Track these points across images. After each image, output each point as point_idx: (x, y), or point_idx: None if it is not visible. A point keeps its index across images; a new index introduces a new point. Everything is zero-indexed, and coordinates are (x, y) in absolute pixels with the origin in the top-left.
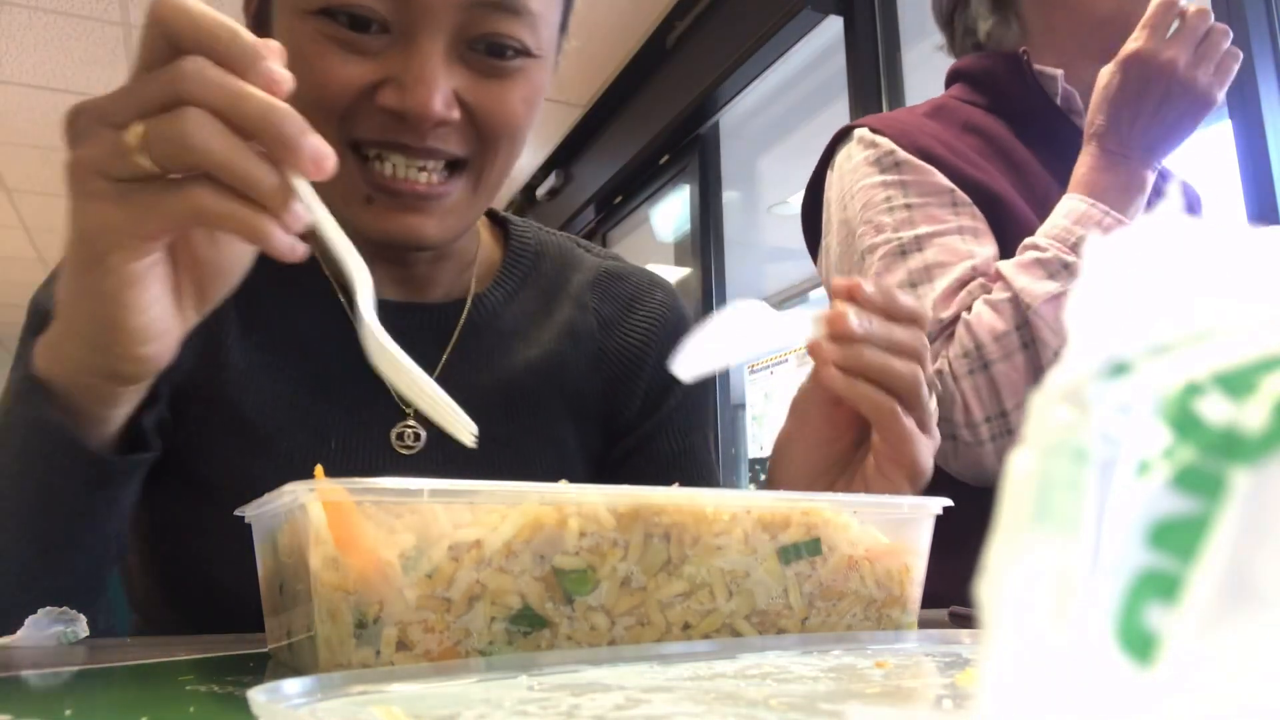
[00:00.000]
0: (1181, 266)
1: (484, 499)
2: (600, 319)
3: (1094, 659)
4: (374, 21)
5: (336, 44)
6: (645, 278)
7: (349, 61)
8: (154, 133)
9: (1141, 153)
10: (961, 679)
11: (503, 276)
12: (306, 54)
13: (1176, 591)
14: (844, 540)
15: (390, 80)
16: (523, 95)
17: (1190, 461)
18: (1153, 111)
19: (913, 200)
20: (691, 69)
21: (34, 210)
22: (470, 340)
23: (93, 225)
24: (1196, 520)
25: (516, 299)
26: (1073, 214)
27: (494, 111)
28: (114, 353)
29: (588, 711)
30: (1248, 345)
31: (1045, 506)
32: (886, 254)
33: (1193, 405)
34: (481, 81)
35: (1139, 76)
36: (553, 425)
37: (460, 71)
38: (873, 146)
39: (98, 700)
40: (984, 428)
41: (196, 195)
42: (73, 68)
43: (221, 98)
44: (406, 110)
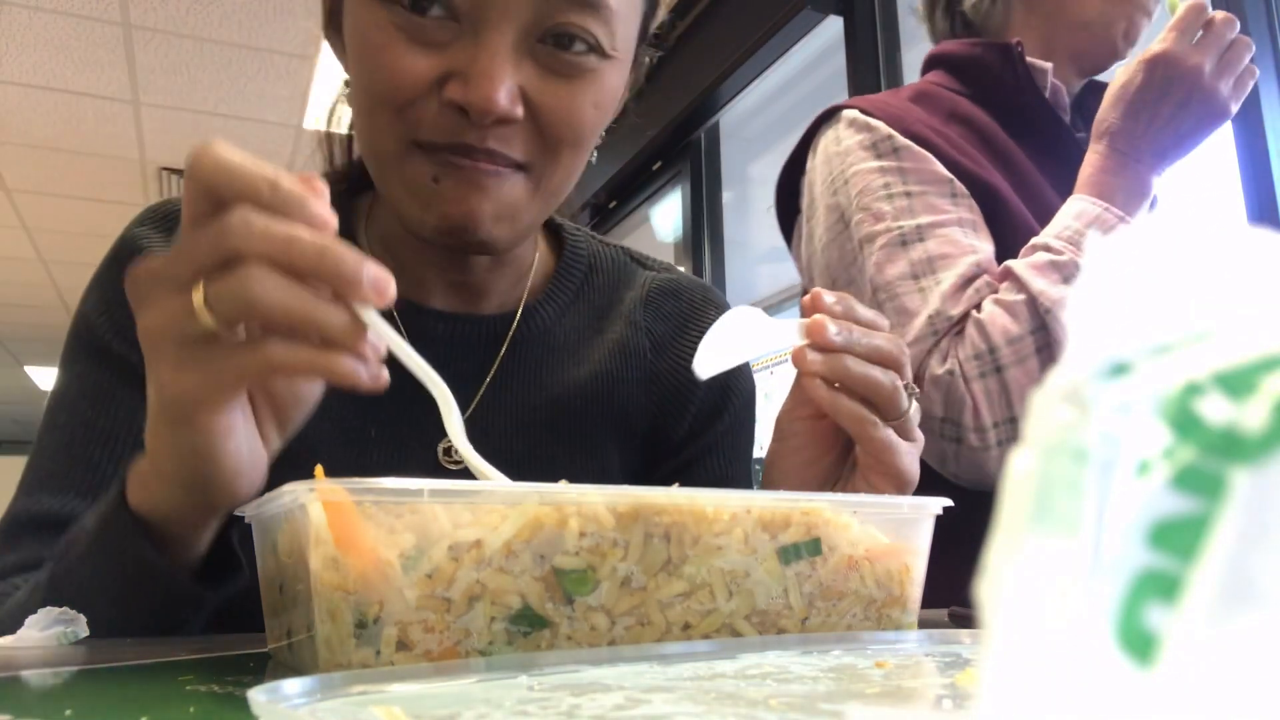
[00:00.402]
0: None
1: (484, 499)
2: (653, 340)
3: (1094, 659)
4: (442, 8)
5: (403, 34)
6: (699, 294)
7: (414, 53)
8: (215, 293)
9: (1151, 157)
10: (961, 679)
11: (555, 290)
12: (372, 45)
13: (1176, 591)
14: (844, 540)
15: (455, 74)
16: (593, 98)
17: (1190, 461)
18: (1169, 116)
19: (912, 188)
20: (691, 69)
21: (34, 210)
22: (519, 354)
23: (172, 391)
24: (1196, 520)
25: (568, 314)
26: (1084, 216)
27: (560, 112)
28: (209, 492)
29: (588, 711)
30: (1248, 345)
31: (1045, 506)
32: (887, 243)
33: (1193, 405)
34: (550, 79)
35: (1163, 78)
36: (598, 446)
37: (529, 68)
38: (867, 130)
39: (98, 700)
40: (992, 432)
41: (268, 351)
42: (73, 68)
43: (273, 246)
44: (470, 104)
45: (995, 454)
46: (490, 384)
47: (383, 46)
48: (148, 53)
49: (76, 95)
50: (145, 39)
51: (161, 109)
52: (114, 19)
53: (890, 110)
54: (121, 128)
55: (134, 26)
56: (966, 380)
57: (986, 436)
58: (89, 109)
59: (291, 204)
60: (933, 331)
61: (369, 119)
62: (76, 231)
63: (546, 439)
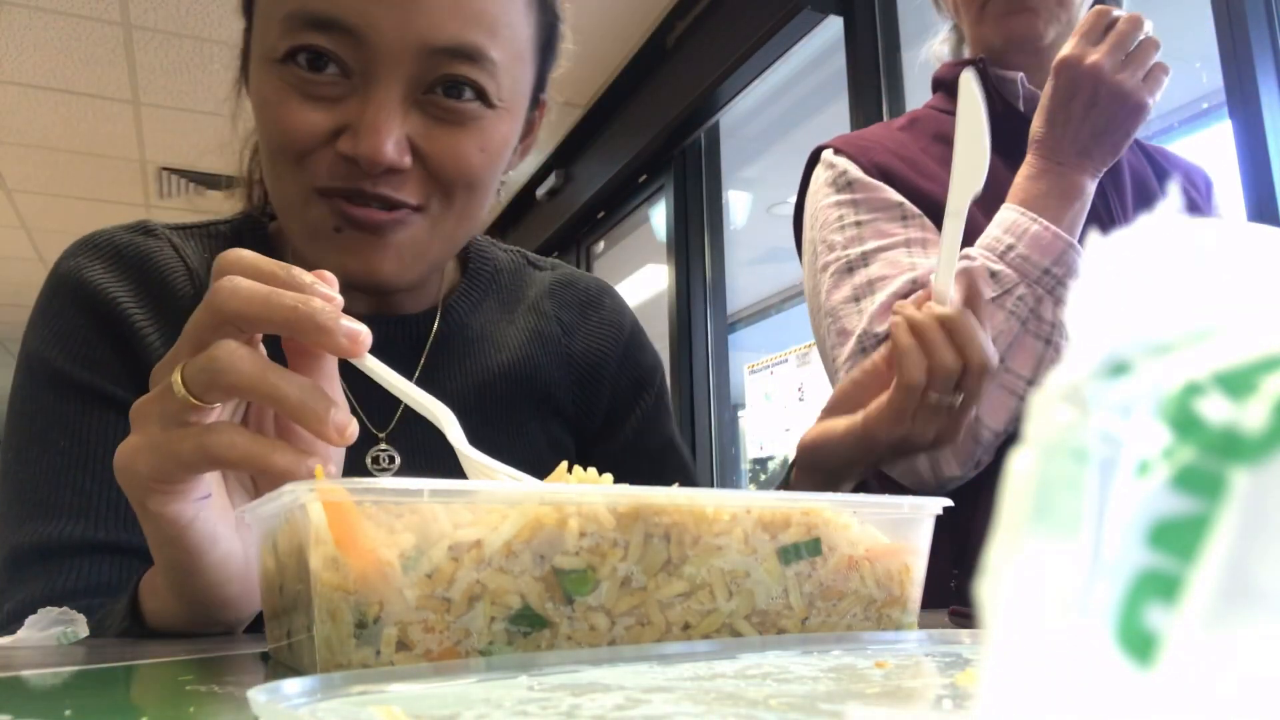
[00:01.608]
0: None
1: (484, 499)
2: (562, 325)
3: (1094, 659)
4: (331, 62)
5: (298, 92)
6: (593, 284)
7: (309, 110)
8: (189, 369)
9: (1074, 158)
10: (961, 679)
11: (467, 288)
12: (271, 101)
13: (1176, 591)
14: (844, 540)
15: (347, 127)
16: (479, 144)
17: (1190, 461)
18: (1082, 117)
19: (862, 217)
20: (691, 69)
21: (34, 210)
22: (444, 347)
23: (122, 474)
24: (1196, 520)
25: (481, 308)
26: (1004, 223)
27: (447, 157)
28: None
29: (588, 711)
30: (1248, 345)
31: (1045, 506)
32: (836, 270)
33: (1193, 405)
34: (437, 127)
35: (1068, 80)
36: (523, 424)
37: (416, 118)
38: (831, 168)
39: (98, 700)
40: None
41: (208, 441)
42: (73, 68)
43: (251, 306)
44: (359, 156)
45: (922, 457)
46: (420, 377)
47: (281, 103)
48: (148, 53)
49: (76, 95)
50: (145, 39)
51: (161, 109)
52: (114, 19)
53: (859, 145)
54: (121, 128)
55: (134, 26)
56: None
57: None
58: (89, 109)
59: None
60: (861, 349)
61: (272, 168)
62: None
63: (476, 422)
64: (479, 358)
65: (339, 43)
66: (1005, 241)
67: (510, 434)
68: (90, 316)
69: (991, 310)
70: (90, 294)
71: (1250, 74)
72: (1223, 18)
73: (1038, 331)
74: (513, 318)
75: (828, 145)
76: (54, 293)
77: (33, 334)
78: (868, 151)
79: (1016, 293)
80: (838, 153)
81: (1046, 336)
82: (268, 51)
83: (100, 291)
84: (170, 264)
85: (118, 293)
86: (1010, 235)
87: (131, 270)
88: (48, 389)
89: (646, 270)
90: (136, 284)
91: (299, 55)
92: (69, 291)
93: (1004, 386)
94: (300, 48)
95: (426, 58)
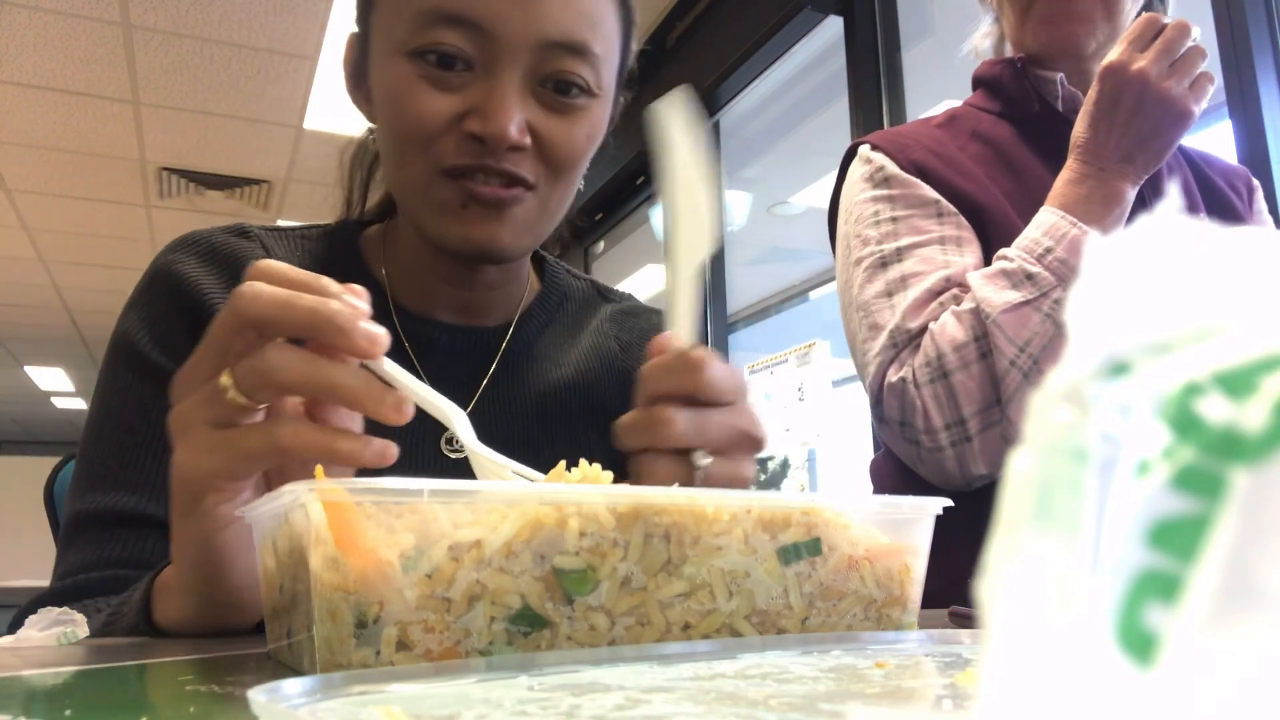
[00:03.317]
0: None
1: (484, 499)
2: (621, 344)
3: (1094, 659)
4: (459, 60)
5: (427, 82)
6: (657, 315)
7: (438, 97)
8: (239, 370)
9: (1117, 164)
10: (961, 679)
11: (538, 309)
12: (401, 92)
13: (1176, 591)
14: (844, 540)
15: (474, 110)
16: (585, 131)
17: (1190, 461)
18: (1126, 123)
19: (898, 213)
20: (691, 69)
21: (34, 210)
22: (511, 361)
23: (187, 472)
24: (1196, 520)
25: (548, 329)
26: (1043, 225)
27: (560, 143)
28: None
29: (588, 711)
30: (1248, 345)
31: (1045, 506)
32: (870, 265)
33: (1193, 405)
34: (550, 116)
35: (1113, 88)
36: (580, 435)
37: (532, 106)
38: (867, 163)
39: (98, 700)
40: (943, 434)
41: (275, 432)
42: (73, 68)
43: (271, 309)
44: (487, 134)
45: (950, 455)
46: (487, 385)
47: (410, 93)
48: (148, 53)
49: (76, 95)
50: (145, 39)
51: (161, 109)
52: (114, 19)
53: (897, 141)
54: (121, 128)
55: (134, 26)
56: (917, 386)
57: (938, 438)
58: (89, 109)
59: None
60: (892, 344)
61: (401, 153)
62: (76, 231)
63: (536, 430)
64: (542, 374)
65: (467, 38)
66: (1044, 244)
67: (569, 445)
68: (177, 307)
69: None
70: (180, 286)
71: (1250, 74)
72: (1223, 18)
73: None
74: (575, 341)
75: (864, 140)
76: (149, 283)
77: (124, 319)
78: (905, 149)
79: (1054, 296)
80: (875, 149)
81: None
82: (398, 45)
83: (191, 284)
84: None
85: (207, 286)
86: (1049, 238)
87: (222, 267)
88: (129, 370)
89: (646, 270)
90: (226, 280)
91: (429, 54)
92: (162, 281)
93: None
94: (433, 43)
95: (543, 50)
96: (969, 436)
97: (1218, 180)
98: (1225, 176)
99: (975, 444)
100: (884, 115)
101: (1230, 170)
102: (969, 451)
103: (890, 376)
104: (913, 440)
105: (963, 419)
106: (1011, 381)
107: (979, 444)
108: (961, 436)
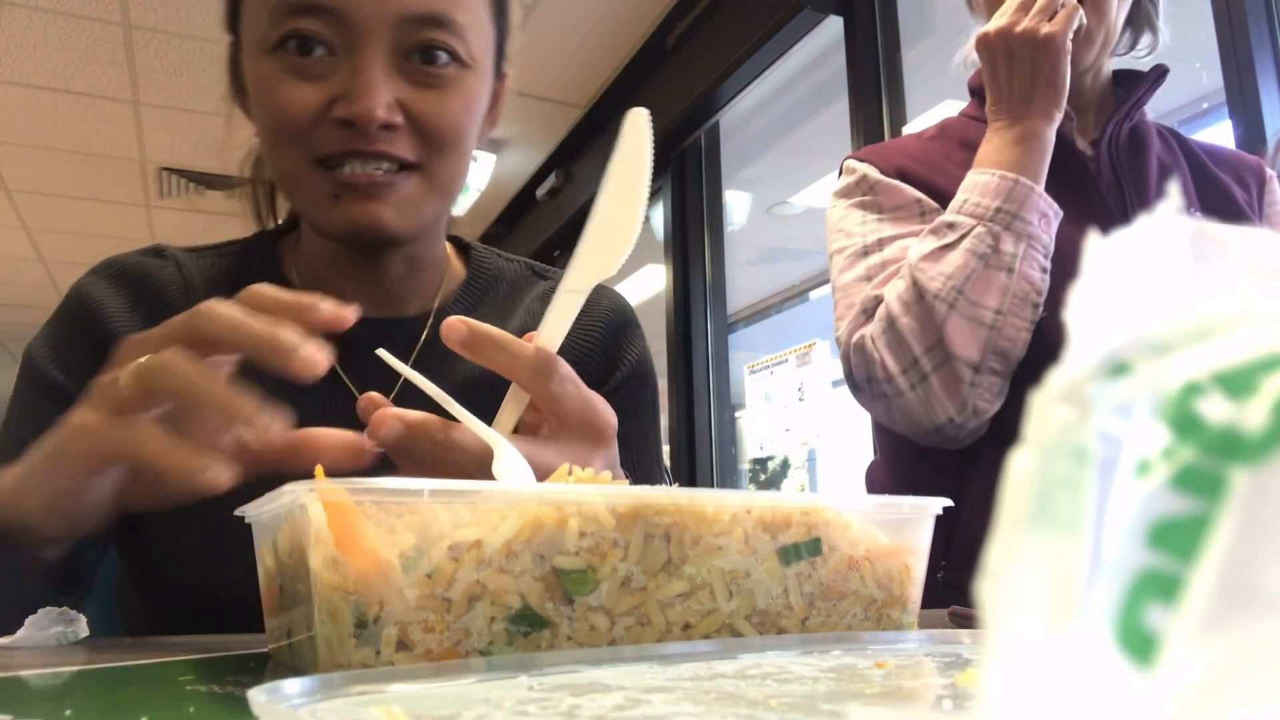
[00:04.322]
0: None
1: (484, 499)
2: None
3: (1094, 659)
4: (319, 45)
5: (291, 74)
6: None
7: (303, 87)
8: (135, 367)
9: (1019, 107)
10: (961, 679)
11: (463, 294)
12: (269, 88)
13: (1176, 592)
14: (844, 540)
15: (340, 96)
16: (461, 103)
17: (1190, 461)
18: (1007, 75)
19: (884, 213)
20: (691, 69)
21: (34, 210)
22: (433, 350)
23: (66, 432)
24: (1196, 520)
25: (474, 314)
26: (964, 185)
27: (433, 116)
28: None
29: (588, 711)
30: (1248, 345)
31: (1045, 506)
32: (851, 254)
33: (1193, 405)
34: (421, 91)
35: (986, 53)
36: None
37: (401, 83)
38: (852, 173)
39: (98, 700)
40: (901, 379)
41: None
42: (73, 68)
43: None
44: (355, 116)
45: (913, 398)
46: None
47: (278, 86)
48: (148, 53)
49: (76, 95)
50: (145, 39)
51: (161, 109)
52: (114, 19)
53: (882, 151)
54: (121, 128)
55: (134, 26)
56: (874, 340)
57: (897, 384)
58: (89, 109)
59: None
60: (863, 311)
61: (275, 148)
62: (76, 231)
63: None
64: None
65: (323, 23)
66: (962, 197)
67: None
68: (81, 330)
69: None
70: (86, 309)
71: (1250, 74)
72: (1223, 18)
73: (999, 264)
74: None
75: (853, 156)
76: (62, 305)
77: (36, 337)
78: (889, 158)
79: (972, 233)
80: (860, 160)
81: (1008, 266)
82: (259, 44)
83: (96, 307)
84: (170, 281)
85: (112, 308)
86: (965, 192)
87: (133, 288)
88: (29, 384)
89: (646, 270)
90: (132, 300)
91: (289, 42)
92: (71, 303)
93: (969, 317)
94: (289, 33)
95: (401, 26)
96: (924, 375)
97: (1220, 173)
98: (1234, 169)
99: (933, 382)
100: (884, 115)
101: (1240, 163)
102: (930, 392)
103: (853, 339)
104: (880, 395)
105: (915, 359)
106: (940, 315)
107: (936, 382)
108: (918, 378)
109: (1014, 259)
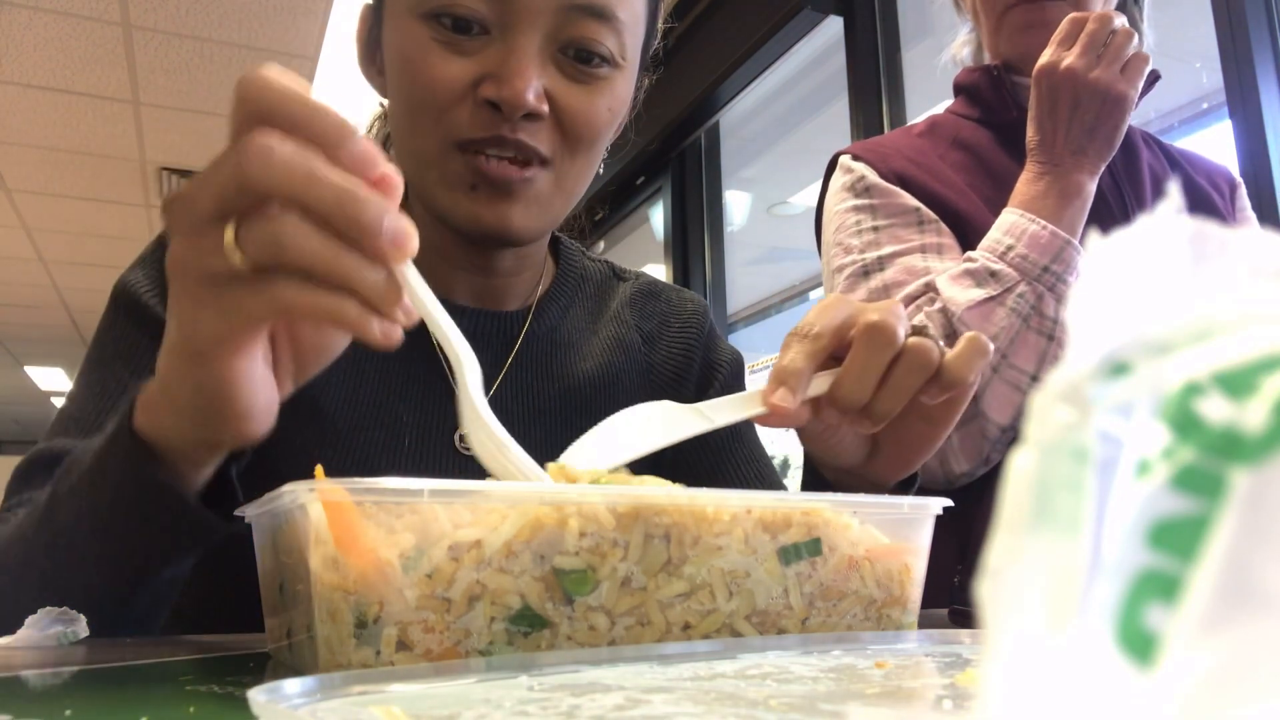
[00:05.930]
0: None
1: (484, 499)
2: (643, 335)
3: (1094, 659)
4: (475, 23)
5: (441, 46)
6: (674, 292)
7: (452, 61)
8: (247, 236)
9: (1070, 158)
10: (961, 679)
11: (557, 292)
12: (414, 56)
13: (1176, 592)
14: (844, 540)
15: (489, 76)
16: (607, 103)
17: (1190, 461)
18: (1068, 119)
19: (880, 222)
20: (691, 69)
21: (34, 210)
22: (532, 348)
23: (190, 329)
24: (1196, 520)
25: (569, 314)
26: (1004, 225)
27: (579, 113)
28: (216, 428)
29: (588, 712)
30: (1248, 345)
31: (1045, 506)
32: (851, 274)
33: (1193, 405)
34: (570, 85)
35: (1048, 89)
36: None
37: (552, 73)
38: (849, 173)
39: (98, 700)
40: None
41: (283, 292)
42: (73, 68)
43: (294, 186)
44: (503, 99)
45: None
46: (507, 373)
47: (424, 57)
48: (148, 53)
49: (76, 95)
50: (145, 39)
51: (161, 109)
52: (114, 19)
53: (878, 150)
54: (121, 128)
55: (134, 26)
56: None
57: None
58: (89, 109)
59: (328, 135)
60: None
61: (412, 124)
62: (76, 231)
63: (557, 425)
64: (565, 363)
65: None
66: (1005, 242)
67: None
68: None
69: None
70: None
71: (1250, 74)
72: (1223, 18)
73: (1040, 328)
74: (596, 326)
75: (846, 151)
76: (159, 242)
77: (130, 272)
78: (886, 158)
79: (1017, 290)
80: (856, 158)
81: (1049, 333)
82: (412, 7)
83: None
84: None
85: None
86: (1010, 236)
87: None
88: (125, 317)
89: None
90: None
91: (444, 16)
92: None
93: (1008, 381)
94: (449, 4)
95: (564, 13)
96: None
97: (1199, 180)
98: (1207, 176)
99: (954, 440)
100: (884, 115)
101: (1212, 170)
102: (949, 448)
103: None
104: None
105: None
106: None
107: (958, 440)
108: None
109: (1054, 325)
